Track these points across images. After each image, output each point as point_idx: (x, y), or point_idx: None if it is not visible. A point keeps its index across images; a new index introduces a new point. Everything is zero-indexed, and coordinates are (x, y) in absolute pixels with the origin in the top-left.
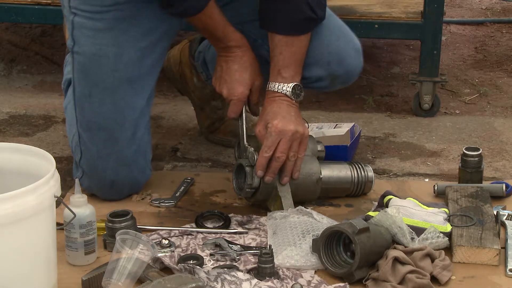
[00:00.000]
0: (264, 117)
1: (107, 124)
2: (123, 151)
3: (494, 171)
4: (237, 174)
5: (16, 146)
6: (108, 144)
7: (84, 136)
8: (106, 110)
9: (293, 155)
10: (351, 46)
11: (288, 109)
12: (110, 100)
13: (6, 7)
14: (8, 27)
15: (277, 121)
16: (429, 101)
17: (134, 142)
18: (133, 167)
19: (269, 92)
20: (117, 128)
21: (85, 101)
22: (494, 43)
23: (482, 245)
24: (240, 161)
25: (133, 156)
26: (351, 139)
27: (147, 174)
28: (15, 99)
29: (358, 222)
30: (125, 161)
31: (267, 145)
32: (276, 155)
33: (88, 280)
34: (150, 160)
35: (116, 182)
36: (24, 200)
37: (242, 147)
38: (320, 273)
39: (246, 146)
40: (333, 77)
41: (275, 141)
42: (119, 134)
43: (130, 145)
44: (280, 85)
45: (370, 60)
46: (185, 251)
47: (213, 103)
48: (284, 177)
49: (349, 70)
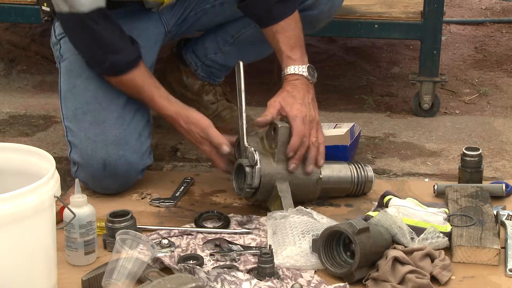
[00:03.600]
0: (284, 99)
1: (92, 108)
2: (111, 131)
3: (494, 171)
4: (237, 174)
5: (16, 146)
6: (94, 125)
7: (71, 126)
8: (89, 96)
9: (315, 141)
10: None
11: (306, 94)
12: (93, 87)
13: (6, 7)
14: (8, 27)
15: (299, 105)
16: (429, 101)
17: (123, 122)
18: (124, 147)
19: (288, 76)
20: (102, 111)
21: (69, 93)
22: (494, 43)
23: (482, 245)
24: (240, 161)
25: (121, 135)
26: (351, 139)
27: (145, 159)
28: (15, 99)
29: (358, 222)
30: (114, 140)
31: (299, 129)
32: (303, 139)
33: (88, 280)
34: (148, 145)
35: (108, 162)
36: (24, 200)
37: (242, 147)
38: (320, 273)
39: (246, 146)
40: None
41: (303, 125)
42: (104, 115)
43: (118, 125)
44: (295, 68)
45: (370, 60)
46: (185, 251)
47: (206, 98)
48: (310, 165)
49: None
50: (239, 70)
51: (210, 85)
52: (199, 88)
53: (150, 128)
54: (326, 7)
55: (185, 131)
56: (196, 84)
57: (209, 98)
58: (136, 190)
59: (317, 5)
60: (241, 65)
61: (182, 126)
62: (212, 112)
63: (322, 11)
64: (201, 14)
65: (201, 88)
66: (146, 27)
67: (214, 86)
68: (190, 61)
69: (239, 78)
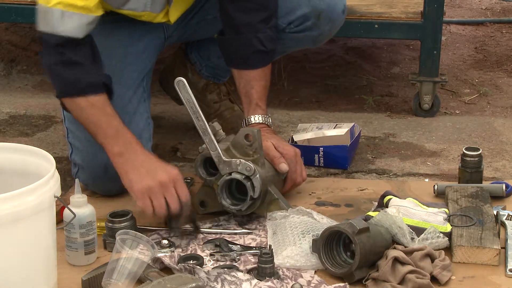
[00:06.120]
0: (275, 143)
1: None
2: None
3: (494, 171)
4: (225, 193)
5: (16, 146)
6: None
7: (72, 128)
8: None
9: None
10: None
11: (276, 135)
12: None
13: (6, 7)
14: (8, 27)
15: (287, 146)
16: (429, 101)
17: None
18: None
19: (255, 125)
20: None
21: None
22: (494, 43)
23: (482, 245)
24: (233, 176)
25: None
26: (351, 139)
27: None
28: (15, 99)
29: (358, 222)
30: None
31: (300, 169)
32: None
33: (88, 280)
34: (149, 147)
35: (109, 165)
36: (24, 200)
37: (221, 162)
38: (320, 273)
39: (227, 160)
40: (317, 13)
41: (299, 161)
42: None
43: None
44: (262, 117)
45: (370, 60)
46: (185, 251)
47: (209, 96)
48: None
49: (330, 3)
50: (184, 88)
51: (215, 84)
52: (203, 87)
53: (151, 130)
54: (326, 28)
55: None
56: (200, 82)
57: (213, 97)
58: None
59: (318, 26)
60: (185, 82)
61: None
62: (214, 111)
63: (323, 32)
64: (203, 24)
65: (205, 86)
66: (146, 31)
67: (218, 85)
68: (195, 60)
69: (188, 96)
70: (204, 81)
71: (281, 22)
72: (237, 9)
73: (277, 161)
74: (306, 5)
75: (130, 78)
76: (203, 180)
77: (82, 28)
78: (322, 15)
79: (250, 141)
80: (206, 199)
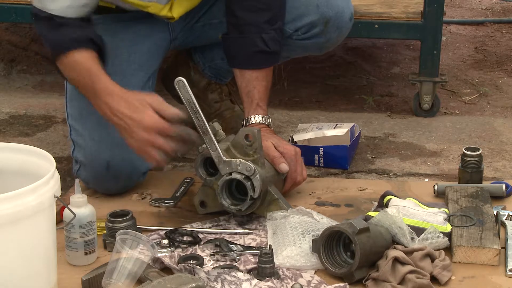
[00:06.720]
0: (275, 143)
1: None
2: (115, 133)
3: (494, 171)
4: (225, 193)
5: (16, 146)
6: (99, 127)
7: (76, 125)
8: None
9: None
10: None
11: (276, 135)
12: None
13: (6, 7)
14: (8, 27)
15: (288, 145)
16: (429, 101)
17: None
18: (128, 149)
19: (255, 124)
20: None
21: (75, 92)
22: (494, 43)
23: (482, 245)
24: (233, 176)
25: None
26: (351, 139)
27: (147, 163)
28: (15, 99)
29: (358, 222)
30: (118, 142)
31: (300, 168)
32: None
33: (88, 280)
34: None
35: (111, 164)
36: (24, 200)
37: (221, 162)
38: (320, 273)
39: (227, 160)
40: (325, 20)
41: (299, 160)
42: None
43: None
44: (263, 117)
45: (370, 60)
46: (185, 251)
47: (210, 96)
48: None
49: (338, 10)
50: (184, 88)
51: (217, 84)
52: (205, 86)
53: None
54: (334, 35)
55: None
56: (202, 81)
57: (214, 97)
58: (136, 190)
59: (325, 33)
60: (185, 82)
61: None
62: (214, 111)
63: (330, 39)
64: (208, 28)
65: (207, 85)
66: (152, 32)
67: (220, 85)
68: (198, 60)
69: (188, 96)
70: (206, 80)
71: (289, 28)
72: (242, 8)
73: (277, 161)
74: (314, 12)
75: (135, 78)
76: (203, 180)
77: (73, 9)
78: (329, 22)
79: (250, 141)
80: (206, 199)
